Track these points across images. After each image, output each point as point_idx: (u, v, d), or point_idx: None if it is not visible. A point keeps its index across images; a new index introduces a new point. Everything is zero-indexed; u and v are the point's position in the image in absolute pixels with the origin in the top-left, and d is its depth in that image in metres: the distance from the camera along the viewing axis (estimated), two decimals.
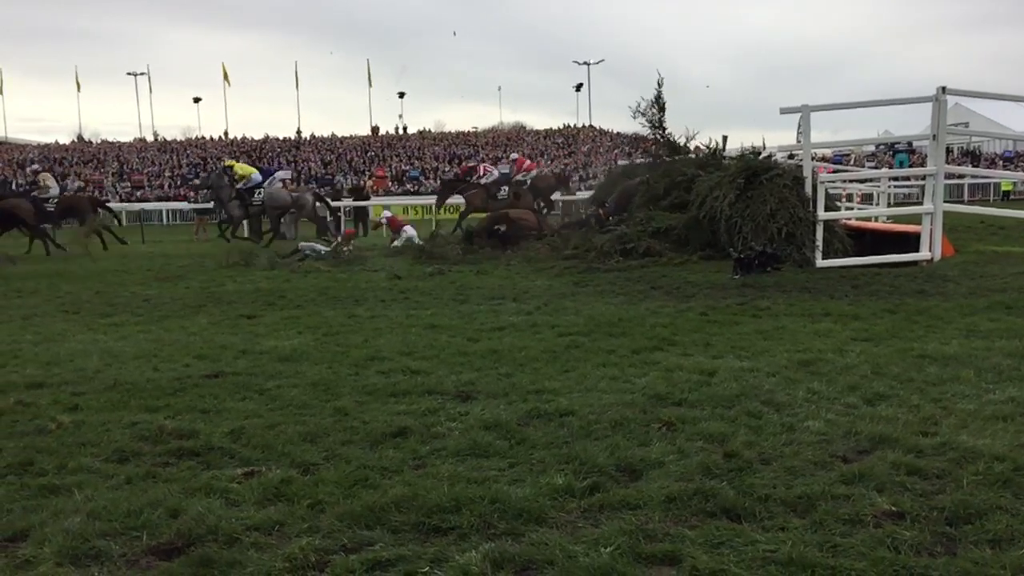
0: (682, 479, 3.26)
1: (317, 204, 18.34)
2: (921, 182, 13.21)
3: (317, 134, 59.83)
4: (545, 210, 19.95)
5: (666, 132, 14.29)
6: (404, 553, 2.70)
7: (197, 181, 18.60)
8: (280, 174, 20.30)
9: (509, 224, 14.07)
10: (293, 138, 59.37)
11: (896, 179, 22.38)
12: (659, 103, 14.24)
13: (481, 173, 20.09)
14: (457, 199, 20.41)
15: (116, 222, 22.46)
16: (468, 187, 19.54)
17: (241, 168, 18.62)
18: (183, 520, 2.96)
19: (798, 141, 14.23)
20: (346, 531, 2.87)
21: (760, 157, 12.00)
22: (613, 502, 3.07)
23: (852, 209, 15.38)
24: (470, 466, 3.50)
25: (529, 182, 19.92)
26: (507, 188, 19.09)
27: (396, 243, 15.50)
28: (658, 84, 14.19)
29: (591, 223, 14.01)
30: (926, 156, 13.89)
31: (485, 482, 3.27)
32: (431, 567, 2.62)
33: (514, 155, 22.91)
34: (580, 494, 3.15)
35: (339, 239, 14.80)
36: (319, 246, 14.09)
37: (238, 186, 17.88)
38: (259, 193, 17.72)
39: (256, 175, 18.22)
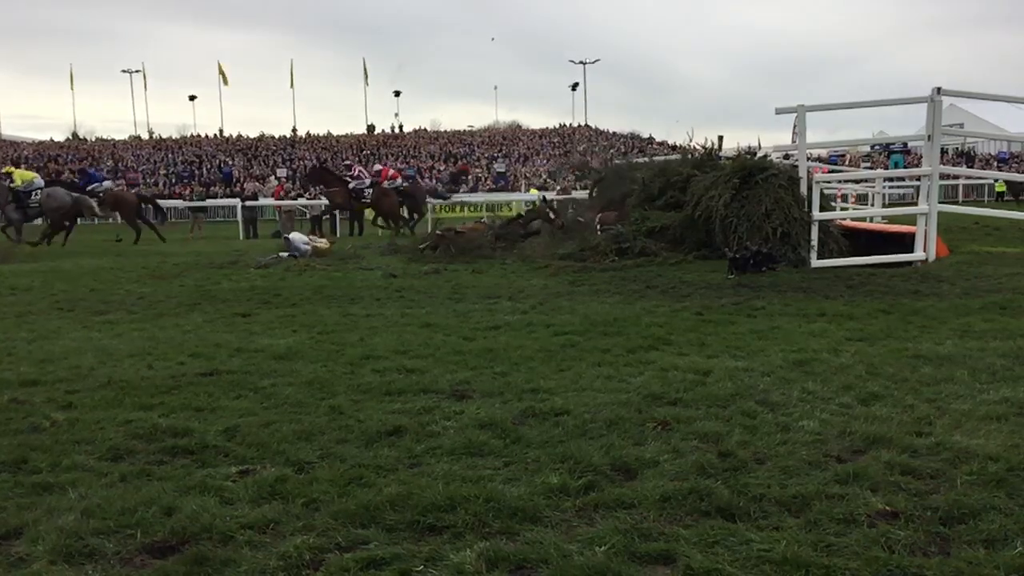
0: (677, 478, 3.26)
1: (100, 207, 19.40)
2: (916, 183, 13.24)
3: (313, 132, 59.75)
4: (416, 216, 22.03)
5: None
6: (399, 552, 2.70)
7: None
8: (107, 183, 22.11)
9: (457, 236, 14.53)
10: (289, 136, 59.26)
11: (891, 179, 22.38)
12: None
13: (354, 173, 20.98)
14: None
15: None
16: (332, 184, 20.47)
17: (21, 174, 19.58)
18: (177, 518, 2.96)
19: (793, 141, 14.28)
20: (341, 530, 2.87)
21: (756, 157, 12.03)
22: (608, 501, 3.07)
23: (847, 209, 15.42)
24: (465, 465, 3.50)
25: (402, 186, 21.58)
26: (370, 191, 20.36)
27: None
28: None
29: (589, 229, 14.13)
30: (921, 157, 13.93)
31: (480, 481, 3.27)
32: (425, 566, 2.61)
33: (377, 166, 24.37)
34: (575, 493, 3.15)
35: (313, 240, 14.90)
36: (302, 245, 14.12)
37: (18, 190, 18.71)
38: (36, 195, 18.64)
39: (37, 180, 19.28)
